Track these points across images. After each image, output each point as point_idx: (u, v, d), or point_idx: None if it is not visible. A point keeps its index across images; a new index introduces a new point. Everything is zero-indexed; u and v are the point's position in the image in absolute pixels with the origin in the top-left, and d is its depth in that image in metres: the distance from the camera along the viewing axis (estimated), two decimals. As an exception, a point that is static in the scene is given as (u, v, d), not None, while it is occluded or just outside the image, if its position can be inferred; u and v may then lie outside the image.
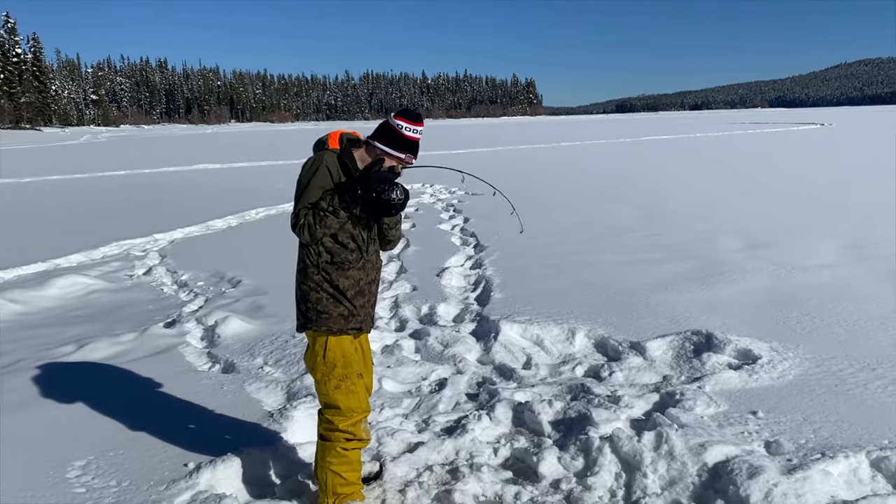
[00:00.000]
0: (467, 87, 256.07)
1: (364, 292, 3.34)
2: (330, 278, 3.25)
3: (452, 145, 38.75)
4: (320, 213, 3.09)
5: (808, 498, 3.29)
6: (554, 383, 4.92)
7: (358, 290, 3.30)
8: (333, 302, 3.26)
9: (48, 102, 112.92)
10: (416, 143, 3.25)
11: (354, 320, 3.31)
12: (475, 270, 8.52)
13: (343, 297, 3.26)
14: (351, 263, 3.26)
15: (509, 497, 3.58)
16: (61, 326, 6.70)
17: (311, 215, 3.10)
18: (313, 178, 3.15)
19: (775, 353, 5.09)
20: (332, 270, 3.25)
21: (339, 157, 3.21)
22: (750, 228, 10.33)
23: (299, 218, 3.13)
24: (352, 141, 3.28)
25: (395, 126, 3.20)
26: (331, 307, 3.26)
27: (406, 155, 3.23)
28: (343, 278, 3.26)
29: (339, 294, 3.26)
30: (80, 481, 3.68)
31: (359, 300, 3.31)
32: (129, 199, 17.13)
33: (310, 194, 3.14)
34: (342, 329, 3.29)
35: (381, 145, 3.21)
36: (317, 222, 3.10)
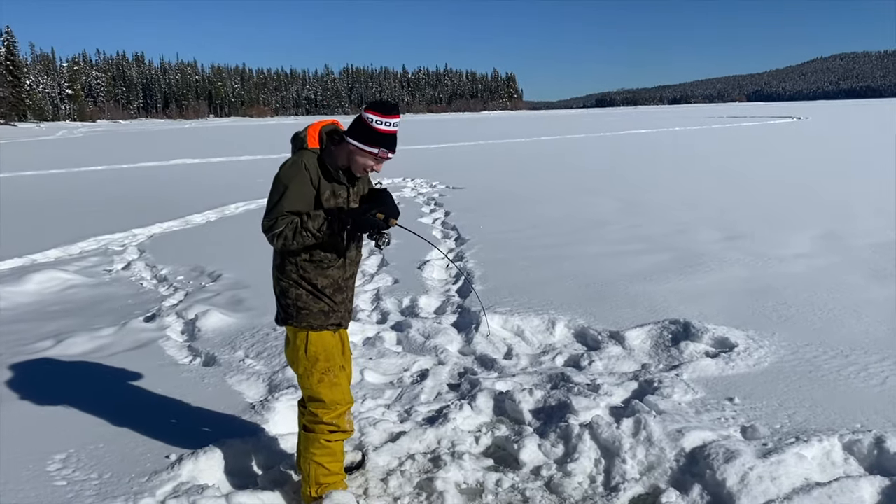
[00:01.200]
0: (448, 81, 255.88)
1: (343, 289, 3.31)
2: (308, 276, 3.21)
3: (433, 139, 38.74)
4: (303, 232, 3.00)
5: (782, 480, 3.36)
6: (534, 373, 4.97)
7: (337, 288, 3.28)
8: (313, 298, 3.23)
9: (23, 97, 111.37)
10: (389, 136, 3.08)
11: (335, 316, 3.30)
12: (456, 263, 8.54)
13: (322, 294, 3.24)
14: (330, 262, 3.22)
15: (491, 484, 3.61)
16: (39, 321, 6.63)
17: (289, 228, 3.00)
18: (292, 184, 3.03)
19: (751, 342, 5.18)
20: (310, 269, 3.20)
21: (319, 157, 3.12)
22: (727, 220, 10.45)
23: (276, 226, 3.02)
24: (331, 135, 3.16)
25: (366, 119, 3.05)
26: (311, 303, 3.24)
27: (379, 149, 3.06)
28: (322, 277, 3.22)
29: (317, 292, 3.23)
30: (61, 474, 3.67)
31: (338, 297, 3.29)
32: (107, 194, 16.97)
33: (287, 201, 3.02)
34: (322, 325, 3.27)
35: (353, 140, 3.07)
36: (295, 237, 3.01)
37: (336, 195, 3.15)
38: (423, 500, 3.50)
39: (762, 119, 61.09)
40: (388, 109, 3.08)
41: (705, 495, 3.39)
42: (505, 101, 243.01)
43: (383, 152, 3.09)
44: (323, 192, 3.11)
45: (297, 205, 3.05)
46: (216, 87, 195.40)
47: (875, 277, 6.89)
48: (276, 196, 3.06)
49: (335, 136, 3.15)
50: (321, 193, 3.10)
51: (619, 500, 3.46)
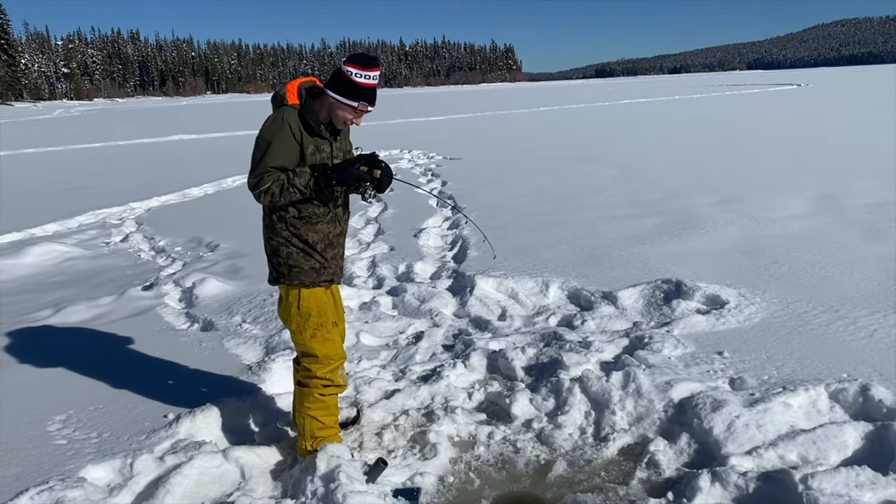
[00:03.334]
0: (445, 53, 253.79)
1: (333, 244, 3.34)
2: (299, 233, 3.23)
3: (431, 112, 38.56)
4: (290, 188, 3.03)
5: (768, 428, 3.42)
6: (527, 332, 5.03)
7: (328, 244, 3.31)
8: (304, 256, 3.26)
9: (18, 76, 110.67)
10: (369, 89, 3.06)
11: (326, 273, 3.34)
12: (452, 231, 8.58)
13: (313, 250, 3.26)
14: (319, 217, 3.24)
15: (483, 436, 3.69)
16: (38, 292, 6.70)
17: (276, 185, 3.02)
18: (274, 139, 3.05)
19: (743, 299, 5.23)
20: (300, 225, 3.23)
21: (300, 112, 3.12)
22: (724, 184, 10.46)
23: (263, 182, 3.03)
24: (310, 91, 3.16)
25: (345, 73, 3.02)
26: (302, 261, 3.27)
27: (359, 103, 3.06)
28: (312, 232, 3.24)
29: (308, 248, 3.25)
30: (61, 434, 3.74)
31: (329, 252, 3.33)
32: (104, 170, 16.98)
33: (271, 157, 3.03)
34: (314, 282, 3.31)
35: (332, 94, 3.07)
36: (282, 193, 3.04)
37: (319, 149, 3.17)
38: (416, 452, 3.57)
39: (762, 87, 60.66)
40: (367, 62, 3.06)
41: (692, 443, 3.46)
42: (504, 73, 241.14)
43: (363, 105, 3.09)
44: (306, 147, 3.12)
45: (281, 160, 3.06)
46: (213, 63, 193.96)
47: (868, 236, 6.92)
48: (259, 152, 3.08)
49: (315, 91, 3.16)
50: (304, 148, 3.12)
51: (609, 451, 3.52)
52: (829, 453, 3.25)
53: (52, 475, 3.29)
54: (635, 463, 3.39)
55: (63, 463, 3.43)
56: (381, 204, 10.60)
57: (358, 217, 9.57)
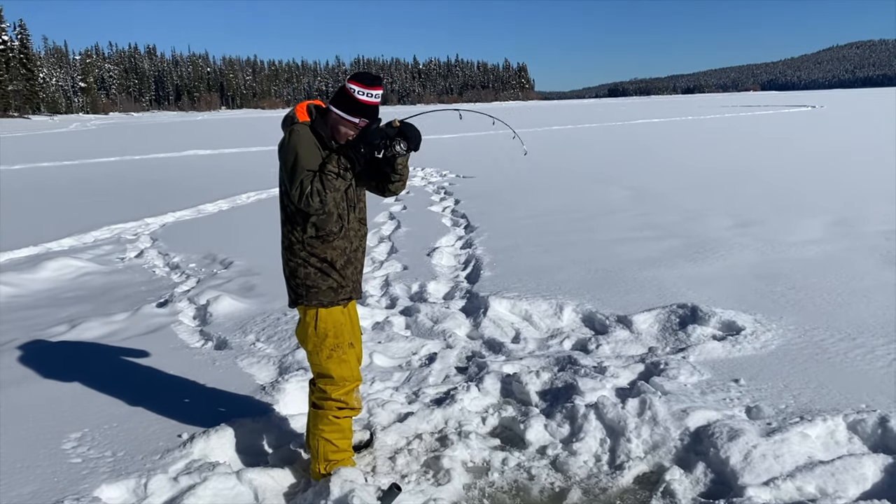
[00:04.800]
0: (459, 71, 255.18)
1: (351, 261, 3.36)
2: (316, 252, 3.26)
3: (443, 130, 38.72)
4: (328, 177, 3.02)
5: (785, 458, 3.39)
6: (542, 356, 5.01)
7: (346, 260, 3.33)
8: (322, 276, 3.28)
9: (36, 90, 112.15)
10: (371, 107, 3.14)
11: (344, 291, 3.35)
12: (465, 250, 8.58)
13: (332, 268, 3.28)
14: (335, 234, 3.27)
15: (497, 462, 3.66)
16: (54, 307, 6.74)
17: (317, 181, 3.03)
18: (300, 148, 3.09)
19: (759, 325, 5.19)
20: (317, 244, 3.25)
21: (311, 127, 3.18)
22: (739, 207, 10.42)
23: (304, 186, 3.04)
24: (320, 110, 3.25)
25: (349, 90, 3.12)
26: (320, 281, 3.29)
27: (360, 119, 3.13)
28: (330, 249, 3.27)
29: (328, 266, 3.27)
30: (76, 452, 3.75)
31: (348, 269, 3.34)
32: (120, 184, 17.12)
33: (304, 162, 3.07)
34: (333, 301, 3.33)
35: (336, 110, 3.15)
36: (326, 187, 3.03)
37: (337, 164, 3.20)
38: (430, 477, 3.55)
39: (776, 108, 60.59)
40: (370, 81, 3.14)
41: (709, 473, 3.43)
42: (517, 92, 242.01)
43: (363, 122, 3.15)
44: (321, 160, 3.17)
45: (313, 163, 3.09)
46: (228, 79, 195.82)
47: (886, 263, 6.86)
48: (290, 163, 3.10)
49: (321, 109, 3.25)
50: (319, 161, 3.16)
51: (624, 479, 3.49)
52: (848, 486, 3.21)
53: (68, 494, 3.29)
54: (651, 492, 3.36)
55: (78, 482, 3.43)
56: (394, 222, 10.64)
57: (371, 235, 9.59)
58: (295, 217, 3.25)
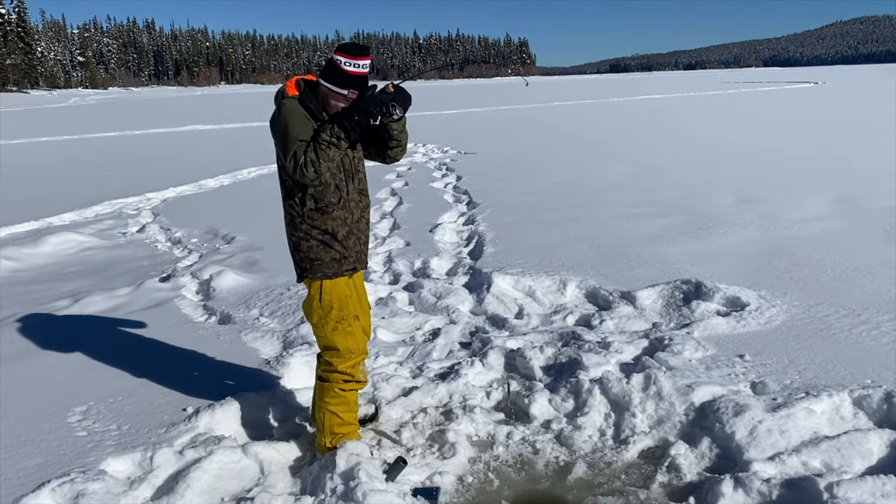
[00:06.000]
0: (459, 46, 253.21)
1: (353, 231, 3.34)
2: (317, 224, 3.25)
3: (445, 106, 38.49)
4: (321, 146, 3.01)
5: (791, 434, 3.39)
6: (545, 331, 5.00)
7: (348, 231, 3.30)
8: (324, 248, 3.27)
9: (34, 64, 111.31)
10: (359, 77, 3.11)
11: (347, 262, 3.33)
12: (468, 226, 8.56)
13: (334, 239, 3.26)
14: (334, 205, 3.25)
15: (501, 436, 3.67)
16: (56, 282, 6.73)
17: (311, 151, 3.02)
18: (290, 119, 3.08)
19: (763, 301, 5.18)
20: (317, 216, 3.24)
21: (300, 100, 3.16)
22: (742, 184, 10.37)
23: (298, 157, 3.03)
24: (309, 84, 3.22)
25: (336, 62, 3.09)
26: (322, 253, 3.27)
27: (348, 91, 3.10)
28: (330, 220, 3.25)
29: (329, 238, 3.26)
30: (81, 426, 3.76)
31: (350, 240, 3.32)
32: (120, 159, 17.05)
33: (294, 132, 3.06)
34: (336, 273, 3.31)
35: (325, 83, 3.13)
36: (320, 156, 3.02)
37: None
38: (434, 450, 3.56)
39: (778, 84, 60.17)
40: (357, 51, 3.10)
41: (714, 448, 3.43)
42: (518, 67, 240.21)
43: (352, 93, 3.12)
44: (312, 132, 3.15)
45: (304, 134, 3.08)
46: (227, 53, 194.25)
47: (890, 239, 6.84)
48: (281, 135, 3.09)
49: (311, 83, 3.21)
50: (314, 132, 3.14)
51: (629, 453, 3.50)
52: (854, 461, 3.21)
53: (73, 467, 3.30)
54: (656, 466, 3.37)
55: (83, 455, 3.44)
56: (396, 199, 10.60)
57: (373, 211, 9.54)
58: (294, 191, 3.24)
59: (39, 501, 3.06)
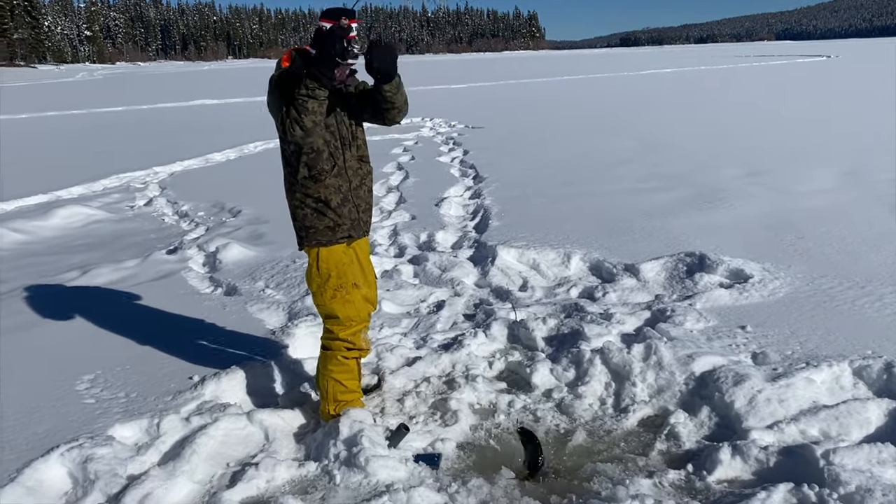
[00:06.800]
0: (468, 20, 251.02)
1: (349, 199, 3.33)
2: (310, 192, 3.27)
3: (453, 80, 38.28)
4: (299, 101, 2.99)
5: (790, 403, 3.42)
6: (548, 303, 5.03)
7: (343, 198, 3.30)
8: (318, 216, 3.29)
9: (42, 39, 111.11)
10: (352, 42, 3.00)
11: (341, 230, 3.33)
12: (474, 200, 8.56)
13: (328, 207, 3.27)
14: (327, 173, 3.25)
15: (503, 405, 3.71)
16: (64, 254, 6.80)
17: (292, 110, 3.01)
18: (276, 90, 3.12)
19: (767, 273, 5.18)
20: (310, 185, 3.26)
21: (289, 70, 3.14)
22: (750, 157, 10.31)
23: (283, 119, 3.04)
24: (302, 55, 3.17)
25: (320, 28, 3.01)
26: (316, 221, 3.30)
27: (353, 60, 3.03)
28: (323, 188, 3.26)
29: (322, 206, 3.27)
30: (90, 393, 3.82)
31: (344, 208, 3.31)
32: (128, 134, 17.08)
33: (281, 100, 3.08)
34: (331, 240, 3.33)
35: (314, 52, 3.07)
36: (300, 111, 3.00)
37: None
38: (437, 418, 3.60)
39: (790, 58, 59.40)
40: (338, 14, 3.03)
41: (713, 416, 3.47)
42: (527, 41, 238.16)
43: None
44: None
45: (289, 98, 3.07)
46: (234, 28, 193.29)
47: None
48: (269, 104, 3.17)
49: (305, 53, 3.16)
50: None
51: (629, 422, 3.54)
52: (852, 429, 3.24)
53: (82, 433, 3.36)
54: (655, 434, 3.40)
55: (92, 421, 3.50)
56: (402, 173, 10.60)
57: (379, 185, 9.57)
58: (290, 159, 3.26)
59: (49, 465, 3.13)
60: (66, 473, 3.12)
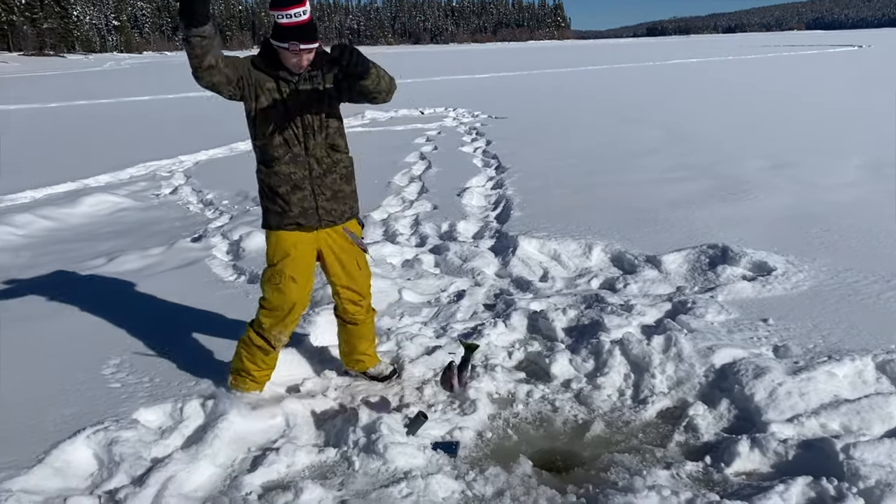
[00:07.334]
0: (493, 10, 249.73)
1: (304, 187, 3.35)
2: (262, 177, 3.39)
3: (477, 70, 38.16)
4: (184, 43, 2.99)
5: (811, 396, 3.39)
6: (569, 294, 5.02)
7: (293, 186, 3.33)
8: (269, 200, 3.40)
9: (70, 29, 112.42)
10: (294, 27, 3.07)
11: (287, 217, 3.38)
12: (496, 191, 8.55)
13: (276, 194, 3.36)
14: (278, 160, 3.30)
15: (522, 394, 3.73)
16: (91, 241, 6.91)
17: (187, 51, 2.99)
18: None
19: (791, 266, 5.13)
20: (263, 170, 3.37)
21: (252, 58, 3.27)
22: (776, 148, 10.18)
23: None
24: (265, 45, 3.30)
25: (274, 18, 3.08)
26: (269, 204, 3.41)
27: (289, 43, 3.09)
28: (273, 175, 3.34)
29: (271, 192, 3.37)
30: (115, 378, 3.90)
31: (295, 196, 3.34)
32: (154, 123, 17.29)
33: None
34: (279, 225, 3.42)
35: (272, 41, 3.16)
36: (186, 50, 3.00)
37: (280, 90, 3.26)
38: (455, 407, 3.63)
39: (821, 48, 58.41)
40: (285, 1, 3.05)
41: (732, 409, 3.45)
42: (552, 31, 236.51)
43: (293, 45, 3.12)
44: (263, 84, 3.24)
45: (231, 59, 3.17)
46: (259, 17, 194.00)
47: (926, 206, 6.70)
48: None
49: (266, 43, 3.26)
50: (260, 85, 3.24)
51: (647, 413, 3.54)
52: (873, 424, 3.21)
53: (107, 416, 3.44)
54: (674, 426, 3.40)
55: (117, 405, 3.58)
56: (424, 162, 10.61)
57: (401, 175, 9.60)
58: (253, 144, 3.38)
59: (75, 447, 3.20)
60: (91, 455, 3.20)
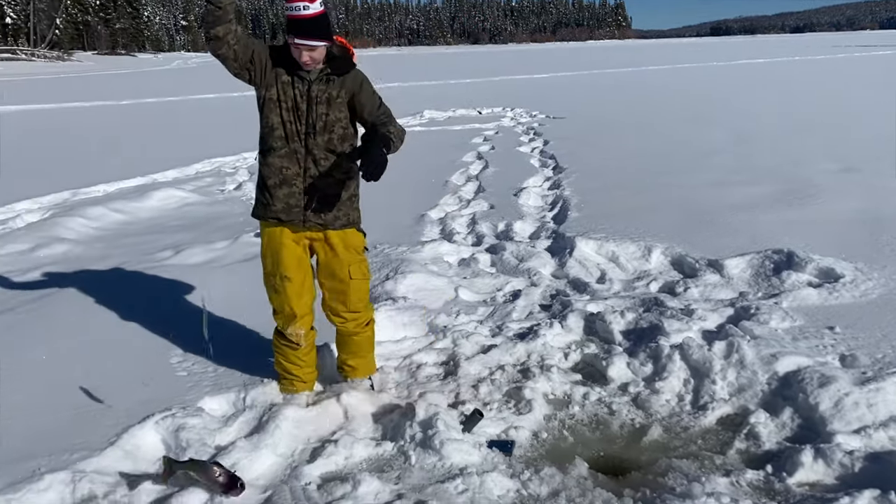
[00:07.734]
0: (553, 9, 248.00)
1: (288, 182, 3.32)
2: (259, 167, 3.43)
3: (536, 69, 37.96)
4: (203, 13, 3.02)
5: (879, 408, 3.29)
6: (627, 297, 4.98)
7: (281, 180, 3.32)
8: (259, 189, 3.44)
9: (141, 28, 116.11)
10: (301, 21, 3.03)
11: (270, 210, 3.38)
12: (553, 191, 8.52)
13: (264, 185, 3.38)
14: (274, 151, 3.30)
15: (578, 396, 3.71)
16: (160, 234, 7.15)
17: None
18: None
19: (859, 273, 4.97)
20: (260, 158, 3.40)
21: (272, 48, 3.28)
22: (845, 152, 9.85)
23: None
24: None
25: (287, 13, 3.04)
26: (258, 193, 3.45)
27: (300, 39, 3.06)
28: (265, 166, 3.36)
29: (262, 182, 3.40)
30: (182, 367, 4.04)
31: (281, 191, 3.32)
32: (219, 120, 17.74)
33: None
34: (263, 216, 3.45)
35: (288, 37, 3.15)
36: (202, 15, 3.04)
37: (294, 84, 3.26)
38: (511, 406, 3.64)
39: (894, 48, 56.17)
40: None
41: (796, 418, 3.37)
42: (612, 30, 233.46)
43: (290, 39, 3.10)
44: (280, 75, 3.26)
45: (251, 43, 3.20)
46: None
47: None
48: None
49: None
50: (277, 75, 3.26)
51: (707, 419, 3.48)
52: (945, 438, 3.09)
53: (174, 403, 3.56)
54: (734, 433, 3.34)
55: (183, 393, 3.70)
56: (481, 162, 10.63)
57: (459, 174, 9.65)
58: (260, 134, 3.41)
59: (145, 432, 3.34)
60: (159, 440, 3.32)
